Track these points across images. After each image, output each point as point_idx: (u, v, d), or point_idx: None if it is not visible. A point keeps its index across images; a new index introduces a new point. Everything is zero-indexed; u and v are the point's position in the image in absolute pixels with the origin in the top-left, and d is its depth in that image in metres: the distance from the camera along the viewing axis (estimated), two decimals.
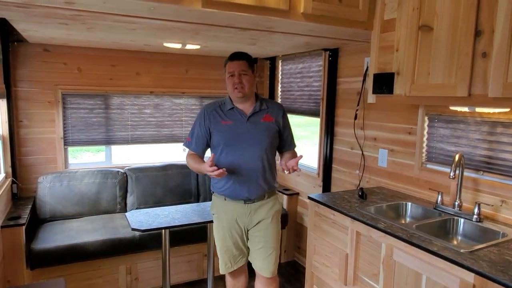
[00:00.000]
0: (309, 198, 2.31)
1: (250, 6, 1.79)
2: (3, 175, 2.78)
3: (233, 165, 1.99)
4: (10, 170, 2.86)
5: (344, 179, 2.94)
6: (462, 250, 1.50)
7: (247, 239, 2.12)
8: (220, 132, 2.03)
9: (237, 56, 2.03)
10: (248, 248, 2.14)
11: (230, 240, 2.09)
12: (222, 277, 2.40)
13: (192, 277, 3.06)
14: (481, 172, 1.97)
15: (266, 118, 2.07)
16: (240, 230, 2.08)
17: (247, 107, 2.07)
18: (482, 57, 1.58)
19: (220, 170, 1.85)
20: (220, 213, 2.10)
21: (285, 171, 1.92)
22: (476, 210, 1.86)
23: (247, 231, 2.10)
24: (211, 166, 1.85)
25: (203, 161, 2.03)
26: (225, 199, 2.07)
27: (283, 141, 2.15)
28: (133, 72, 3.39)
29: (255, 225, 2.07)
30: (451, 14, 1.70)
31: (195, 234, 2.94)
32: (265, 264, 2.09)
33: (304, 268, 3.18)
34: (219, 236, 2.12)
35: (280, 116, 2.11)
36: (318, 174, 3.19)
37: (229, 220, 2.07)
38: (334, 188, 3.06)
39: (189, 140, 2.14)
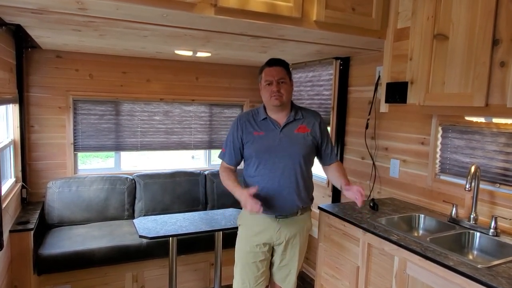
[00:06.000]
0: (320, 208, 2.27)
1: (263, 13, 1.78)
2: (13, 179, 2.79)
3: (265, 179, 1.88)
4: (20, 174, 2.87)
5: None
6: (479, 266, 1.45)
7: (272, 256, 2.03)
8: (251, 143, 1.91)
9: (275, 62, 1.88)
10: (270, 269, 2.05)
11: (255, 257, 1.95)
12: (229, 287, 2.36)
13: (198, 286, 3.02)
14: (498, 184, 1.92)
15: (301, 129, 1.92)
16: (266, 246, 1.95)
17: (281, 117, 1.92)
18: (500, 66, 1.54)
19: (257, 206, 1.69)
20: (248, 226, 1.97)
21: (358, 204, 1.76)
22: (492, 224, 1.80)
23: (273, 247, 2.00)
24: (250, 196, 1.72)
25: (237, 185, 1.87)
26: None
27: (323, 154, 1.99)
28: (143, 79, 3.41)
29: (282, 243, 1.95)
30: (468, 23, 1.67)
31: (202, 243, 2.91)
32: (287, 280, 2.03)
33: (312, 280, 3.12)
34: (243, 251, 1.97)
35: (317, 125, 1.95)
36: (328, 183, 3.14)
37: (257, 233, 1.94)
38: (344, 199, 3.01)
39: (224, 151, 2.00)
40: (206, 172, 3.54)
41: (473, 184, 1.87)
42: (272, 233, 1.93)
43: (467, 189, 1.78)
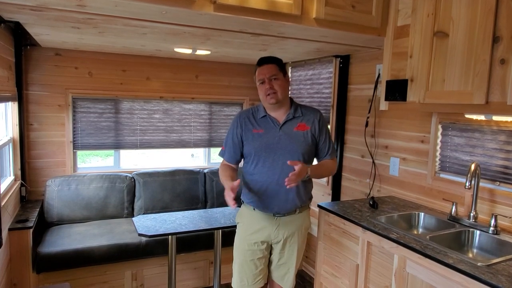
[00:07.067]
0: (319, 206, 2.27)
1: (263, 10, 1.78)
2: (12, 177, 2.78)
3: (263, 177, 1.87)
4: (19, 172, 2.86)
5: (354, 188, 2.89)
6: (479, 264, 1.45)
7: (270, 254, 2.02)
8: (251, 141, 1.90)
9: (265, 60, 1.88)
10: (268, 267, 2.04)
11: (253, 254, 1.95)
12: (229, 285, 2.36)
13: (198, 285, 3.02)
14: (498, 182, 1.91)
15: (301, 127, 1.90)
16: (264, 244, 1.95)
17: (280, 115, 1.91)
18: (500, 63, 1.54)
19: (233, 202, 1.68)
20: (246, 223, 1.97)
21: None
22: (492, 222, 1.79)
23: (271, 245, 1.99)
24: (232, 191, 1.70)
25: (230, 179, 1.87)
26: (253, 209, 1.94)
27: (318, 149, 1.96)
28: (143, 77, 3.40)
29: (280, 241, 1.94)
30: (468, 20, 1.66)
31: (202, 241, 2.90)
32: (285, 278, 2.02)
33: (312, 278, 3.12)
34: (241, 248, 1.98)
35: (316, 122, 1.93)
36: (328, 182, 3.14)
37: (255, 231, 1.94)
38: (343, 197, 3.01)
39: (223, 149, 2.01)
40: (205, 171, 3.53)
41: (473, 182, 1.87)
42: (270, 231, 1.93)
43: (467, 187, 1.78)
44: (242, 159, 2.02)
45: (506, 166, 1.87)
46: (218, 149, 2.06)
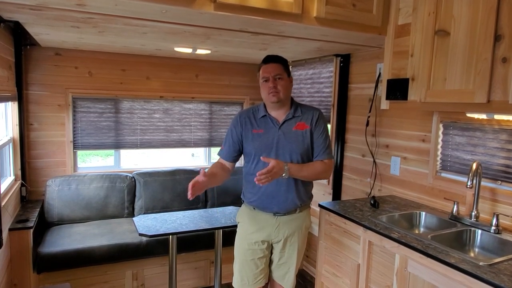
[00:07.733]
0: (320, 206, 2.26)
1: (263, 9, 1.77)
2: (12, 177, 2.78)
3: None
4: (19, 172, 2.86)
5: (355, 187, 2.88)
6: (481, 263, 1.44)
7: (271, 253, 2.02)
8: (250, 141, 1.91)
9: (271, 59, 1.87)
10: (269, 266, 2.04)
11: (253, 254, 1.94)
12: (229, 285, 2.35)
13: (198, 284, 3.02)
14: (499, 181, 1.91)
15: (299, 126, 1.89)
16: (264, 243, 1.94)
17: (280, 114, 1.91)
18: (502, 62, 1.53)
19: (190, 192, 1.68)
20: (246, 223, 1.97)
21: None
22: (494, 221, 1.79)
23: (272, 244, 1.99)
24: (193, 184, 1.70)
25: (212, 173, 1.88)
26: (254, 209, 1.95)
27: (314, 149, 1.91)
28: (143, 76, 3.39)
29: (281, 241, 1.94)
30: (469, 19, 1.65)
31: (202, 241, 2.90)
32: (286, 277, 2.02)
33: (313, 278, 3.12)
34: (241, 248, 1.98)
35: (315, 122, 1.90)
36: (328, 181, 3.13)
37: (255, 230, 1.94)
38: (344, 196, 3.00)
39: (223, 148, 2.01)
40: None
41: (474, 181, 1.86)
42: (270, 231, 1.93)
43: (468, 186, 1.77)
44: (239, 159, 2.02)
45: (507, 165, 1.87)
46: (218, 149, 2.06)
